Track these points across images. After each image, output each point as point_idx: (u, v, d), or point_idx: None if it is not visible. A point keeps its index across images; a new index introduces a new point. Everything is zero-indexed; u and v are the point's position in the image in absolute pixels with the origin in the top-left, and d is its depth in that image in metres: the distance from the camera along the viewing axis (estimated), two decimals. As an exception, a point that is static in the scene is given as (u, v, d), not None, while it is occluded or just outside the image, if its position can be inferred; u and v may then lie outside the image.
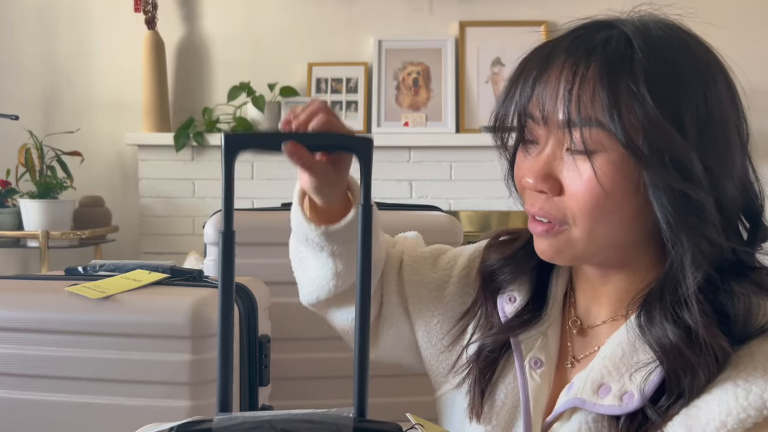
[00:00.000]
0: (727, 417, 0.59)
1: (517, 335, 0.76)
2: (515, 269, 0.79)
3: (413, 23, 3.18)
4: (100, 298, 1.18)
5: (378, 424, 0.58)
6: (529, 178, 0.68)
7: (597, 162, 0.64)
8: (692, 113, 0.64)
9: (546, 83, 0.67)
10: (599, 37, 0.66)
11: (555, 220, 0.68)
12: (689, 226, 0.63)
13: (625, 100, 0.62)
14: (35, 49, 3.22)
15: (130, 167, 3.20)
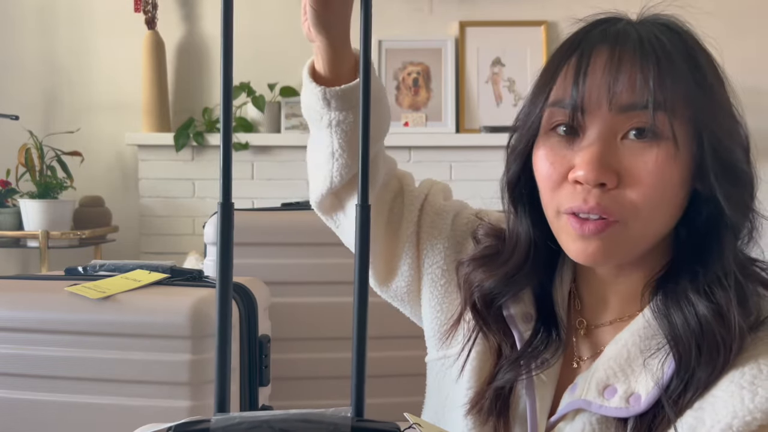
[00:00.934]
0: (732, 419, 0.58)
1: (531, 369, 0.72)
2: (513, 289, 0.75)
3: (413, 23, 3.18)
4: (100, 298, 1.18)
5: (376, 424, 0.58)
6: (582, 171, 0.63)
7: (662, 149, 0.63)
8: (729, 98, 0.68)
9: (616, 72, 0.64)
10: (657, 34, 0.66)
11: (613, 215, 0.64)
12: (739, 202, 0.65)
13: (702, 84, 0.64)
14: (35, 48, 3.22)
15: (130, 167, 3.20)
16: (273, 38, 3.19)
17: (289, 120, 3.09)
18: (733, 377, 0.61)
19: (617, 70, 0.63)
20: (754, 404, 0.58)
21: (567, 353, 0.76)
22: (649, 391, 0.63)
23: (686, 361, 0.62)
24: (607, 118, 0.64)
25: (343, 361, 1.34)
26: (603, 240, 0.65)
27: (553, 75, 0.68)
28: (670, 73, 0.63)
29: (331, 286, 1.47)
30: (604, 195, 0.63)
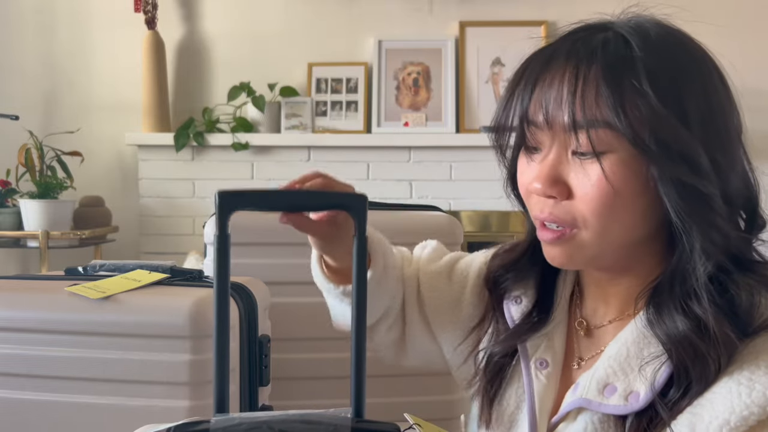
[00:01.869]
0: (730, 415, 0.59)
1: (524, 340, 0.77)
2: (518, 274, 0.80)
3: (413, 23, 3.18)
4: (100, 298, 1.18)
5: (376, 425, 0.58)
6: (536, 184, 0.68)
7: (606, 162, 0.64)
8: (695, 106, 0.64)
9: (548, 87, 0.67)
10: (597, 39, 0.67)
11: (565, 224, 0.68)
12: (699, 217, 0.64)
13: (629, 97, 0.63)
14: (35, 49, 3.22)
15: (130, 167, 3.20)
16: (273, 38, 3.19)
17: (289, 120, 3.09)
18: (732, 374, 0.61)
19: (551, 88, 0.66)
20: (751, 399, 0.58)
21: (568, 354, 0.77)
22: (647, 391, 0.64)
23: (681, 373, 0.63)
24: (558, 135, 0.67)
25: (343, 361, 1.34)
26: (563, 246, 0.69)
27: (516, 88, 0.70)
28: (599, 89, 0.63)
29: (331, 286, 1.46)
30: (556, 206, 0.67)
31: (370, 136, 3.06)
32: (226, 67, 3.20)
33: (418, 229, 1.49)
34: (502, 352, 0.79)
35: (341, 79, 3.15)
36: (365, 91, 3.13)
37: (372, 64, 3.15)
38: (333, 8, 3.18)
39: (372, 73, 3.14)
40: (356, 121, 3.11)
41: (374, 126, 3.09)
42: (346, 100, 3.14)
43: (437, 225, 1.39)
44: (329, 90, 3.15)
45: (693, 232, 0.64)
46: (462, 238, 1.39)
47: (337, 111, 3.13)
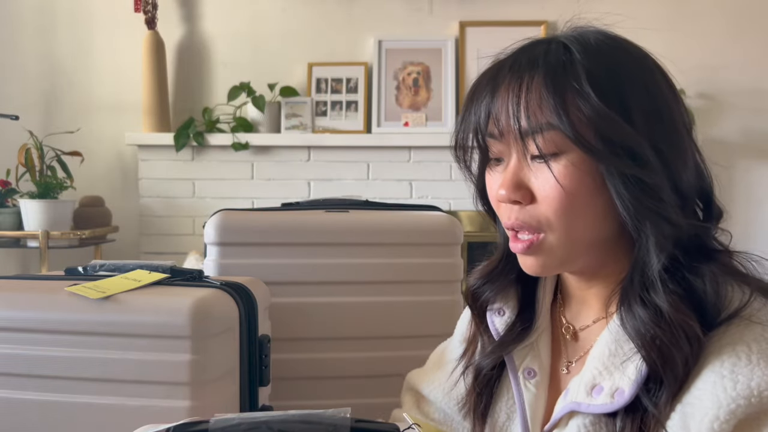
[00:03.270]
0: (718, 410, 0.59)
1: (510, 351, 0.78)
2: (495, 283, 0.82)
3: (413, 23, 3.18)
4: (100, 298, 1.18)
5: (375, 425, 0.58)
6: (501, 191, 0.70)
7: (558, 165, 0.67)
8: (637, 103, 0.67)
9: (497, 100, 0.70)
10: (539, 49, 0.70)
11: (531, 228, 0.70)
12: (648, 209, 0.65)
13: (570, 99, 0.66)
14: (35, 49, 3.22)
15: (130, 167, 3.20)
16: (273, 38, 3.19)
17: (289, 120, 3.09)
18: (714, 367, 0.61)
19: (496, 101, 0.70)
20: (736, 392, 0.59)
21: (556, 360, 0.78)
22: (631, 383, 0.65)
23: (651, 364, 0.64)
24: (512, 143, 0.70)
25: (343, 361, 1.34)
26: (535, 255, 0.71)
27: (471, 105, 0.74)
28: (542, 96, 0.66)
29: (331, 286, 1.47)
30: (522, 211, 0.70)
31: (370, 136, 3.06)
32: (226, 67, 3.20)
33: (418, 229, 1.49)
34: (490, 365, 0.80)
35: (341, 79, 3.15)
36: (365, 91, 3.13)
37: (372, 64, 3.15)
38: (333, 8, 3.18)
39: (372, 73, 3.14)
40: (356, 121, 3.11)
41: (374, 126, 3.09)
42: (346, 100, 3.14)
43: (437, 225, 1.39)
44: (329, 90, 3.15)
45: (645, 225, 0.66)
46: (462, 238, 1.40)
47: (337, 111, 3.13)
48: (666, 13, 3.08)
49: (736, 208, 3.09)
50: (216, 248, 1.48)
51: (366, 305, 1.36)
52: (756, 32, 3.06)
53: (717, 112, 3.05)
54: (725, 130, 3.04)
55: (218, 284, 1.25)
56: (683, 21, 3.08)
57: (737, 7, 3.06)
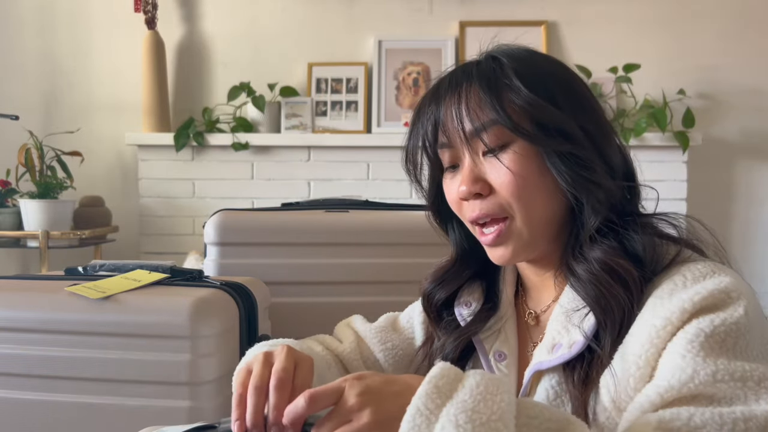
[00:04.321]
0: (655, 319, 0.67)
1: (477, 333, 0.86)
2: (447, 287, 0.90)
3: (413, 23, 3.18)
4: (100, 298, 1.18)
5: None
6: (462, 187, 0.79)
7: (506, 156, 0.76)
8: (560, 91, 0.78)
9: (441, 111, 0.79)
10: (471, 64, 0.81)
11: (496, 215, 0.78)
12: (583, 178, 0.75)
13: (505, 95, 0.76)
14: (35, 49, 3.22)
15: (130, 167, 3.20)
16: (273, 38, 3.19)
17: (289, 120, 3.09)
18: (654, 296, 0.70)
19: (442, 113, 0.80)
20: (672, 303, 0.67)
21: (522, 344, 0.85)
22: (582, 335, 0.73)
23: (596, 311, 0.72)
24: (462, 146, 0.79)
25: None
26: (504, 242, 0.79)
27: (422, 122, 0.83)
28: (480, 98, 0.77)
29: (331, 286, 1.47)
30: (485, 202, 0.78)
31: (370, 136, 3.06)
32: (226, 67, 3.20)
33: (417, 229, 1.49)
34: (457, 349, 0.86)
35: (341, 79, 3.15)
36: (365, 91, 3.13)
37: (372, 64, 3.15)
38: (333, 8, 3.18)
39: (372, 73, 3.14)
40: (356, 121, 3.11)
41: (374, 126, 3.09)
42: (346, 100, 3.14)
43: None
44: (329, 90, 3.15)
45: (581, 193, 0.76)
46: (462, 238, 1.39)
47: (337, 111, 3.13)
48: (666, 13, 3.08)
49: (736, 208, 3.09)
50: (216, 248, 1.48)
51: (366, 305, 1.36)
52: (756, 32, 3.06)
53: (717, 112, 3.05)
54: (725, 130, 3.04)
55: (218, 284, 1.25)
56: (683, 21, 3.08)
57: (737, 7, 3.06)
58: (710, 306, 0.66)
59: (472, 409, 0.56)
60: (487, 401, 0.56)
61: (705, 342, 0.63)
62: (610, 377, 0.69)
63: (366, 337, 0.99)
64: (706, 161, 3.00)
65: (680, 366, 0.63)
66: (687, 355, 0.63)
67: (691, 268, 0.71)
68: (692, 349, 0.63)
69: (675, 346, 0.65)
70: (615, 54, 2.97)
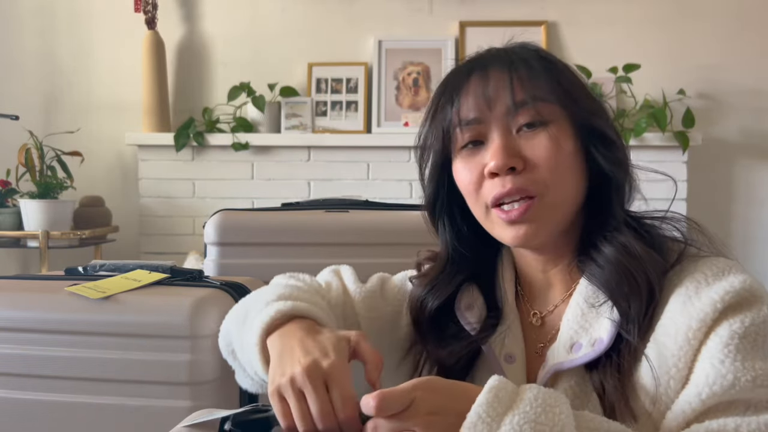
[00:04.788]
0: (690, 320, 0.68)
1: (486, 340, 0.83)
2: (440, 292, 0.86)
3: (413, 23, 3.17)
4: (100, 298, 1.18)
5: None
6: (493, 162, 0.76)
7: (546, 132, 0.76)
8: (580, 83, 0.81)
9: (482, 85, 0.78)
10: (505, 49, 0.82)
11: (528, 191, 0.76)
12: (619, 161, 0.78)
13: (553, 73, 0.78)
14: (35, 49, 3.22)
15: (130, 167, 3.20)
16: (273, 38, 3.19)
17: (289, 120, 3.09)
18: (680, 294, 0.71)
19: (486, 83, 0.78)
20: (702, 302, 0.68)
21: (528, 345, 0.83)
22: (608, 330, 0.73)
23: (619, 300, 0.72)
24: (499, 120, 0.77)
25: (343, 361, 1.34)
26: (529, 220, 0.76)
27: (444, 103, 0.81)
28: (531, 74, 0.77)
29: (331, 286, 1.46)
30: (517, 177, 0.76)
31: (370, 136, 3.06)
32: (226, 67, 3.20)
33: (417, 229, 1.49)
34: (466, 357, 0.84)
35: (341, 79, 3.15)
36: (365, 91, 3.13)
37: (372, 64, 3.15)
38: (333, 8, 3.18)
39: (372, 73, 3.14)
40: (356, 121, 3.11)
41: (374, 126, 3.09)
42: (346, 100, 3.14)
43: (437, 225, 1.39)
44: (329, 90, 3.15)
45: (616, 174, 0.78)
46: (462, 238, 1.39)
47: (337, 111, 3.13)
48: (666, 13, 3.08)
49: (736, 208, 3.09)
50: (216, 248, 1.48)
51: (366, 305, 1.36)
52: (756, 32, 3.06)
53: (717, 112, 3.05)
54: (725, 130, 3.04)
55: (218, 284, 1.25)
56: (683, 21, 3.08)
57: (737, 7, 3.06)
58: (738, 304, 0.68)
59: (535, 420, 0.57)
60: (547, 413, 0.58)
61: (740, 344, 0.65)
62: (645, 373, 0.69)
63: (354, 297, 0.94)
64: (706, 161, 3.00)
65: (721, 372, 0.64)
66: (726, 360, 0.65)
67: (707, 264, 0.73)
68: (729, 353, 0.65)
69: (711, 351, 0.66)
70: (615, 54, 2.97)
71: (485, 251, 0.87)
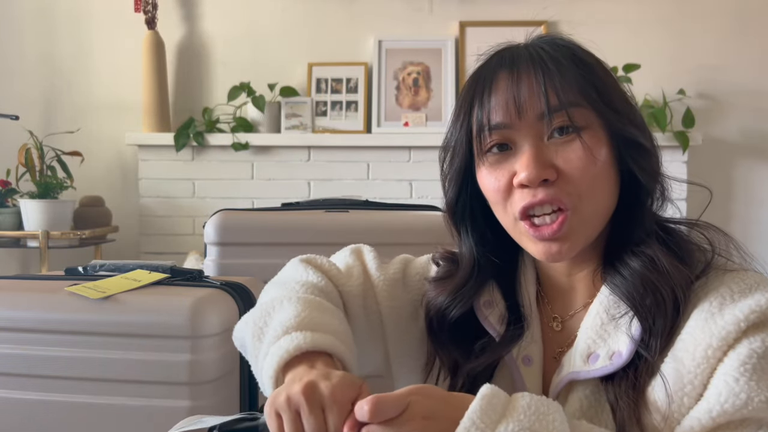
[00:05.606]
0: (711, 338, 0.65)
1: (510, 349, 0.79)
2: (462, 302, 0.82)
3: (413, 23, 3.18)
4: (100, 298, 1.18)
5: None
6: (524, 173, 0.71)
7: (580, 141, 0.71)
8: (617, 83, 0.77)
9: (514, 87, 0.73)
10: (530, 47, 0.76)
11: (562, 203, 0.71)
12: (653, 170, 0.75)
13: (585, 76, 0.73)
14: (35, 49, 3.22)
15: (130, 167, 3.20)
16: (273, 38, 3.19)
17: (289, 120, 3.09)
18: (703, 308, 0.68)
19: (518, 86, 0.73)
20: (725, 320, 0.65)
21: (546, 349, 0.81)
22: (627, 345, 0.70)
23: (643, 314, 0.70)
24: (530, 126, 0.73)
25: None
26: (564, 237, 0.73)
27: (471, 103, 0.76)
28: (563, 76, 0.72)
29: (331, 286, 1.46)
30: (550, 188, 0.72)
31: (370, 136, 3.06)
32: (226, 67, 3.20)
33: (418, 229, 1.49)
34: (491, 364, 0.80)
35: (341, 79, 3.15)
36: (365, 91, 3.13)
37: (372, 64, 3.15)
38: (333, 8, 3.18)
39: (372, 73, 3.14)
40: (356, 121, 3.11)
41: (374, 126, 3.09)
42: (346, 100, 3.14)
43: (437, 225, 1.39)
44: (329, 90, 3.15)
45: (652, 185, 0.74)
46: (462, 238, 1.39)
47: (337, 111, 3.13)
48: (667, 12, 3.08)
49: (736, 208, 3.09)
50: (216, 248, 1.48)
51: (366, 305, 1.36)
52: (756, 32, 3.06)
53: (717, 112, 3.05)
54: (725, 130, 3.04)
55: (218, 284, 1.25)
56: (683, 21, 3.08)
57: (738, 7, 3.06)
58: (763, 323, 0.65)
59: (529, 428, 0.57)
60: (541, 421, 0.58)
61: (758, 363, 0.63)
62: (659, 389, 0.67)
63: (376, 285, 0.89)
64: (706, 161, 3.00)
65: (734, 390, 0.62)
66: (741, 378, 0.62)
67: (735, 279, 0.69)
68: (745, 372, 0.63)
69: (727, 368, 0.64)
70: (615, 54, 2.97)
71: (508, 252, 0.83)
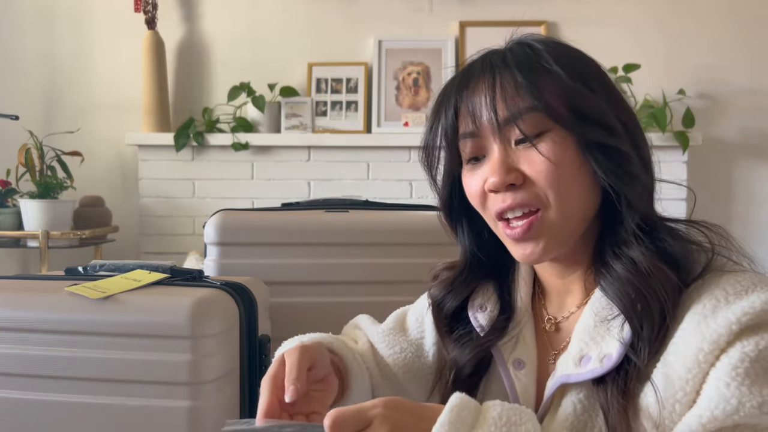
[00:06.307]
0: (702, 342, 0.64)
1: (495, 343, 0.81)
2: (457, 294, 0.86)
3: (413, 23, 3.18)
4: (100, 298, 1.18)
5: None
6: (492, 178, 0.73)
7: (543, 144, 0.71)
8: (595, 79, 0.75)
9: (471, 97, 0.75)
10: (502, 51, 0.77)
11: (530, 205, 0.73)
12: (622, 171, 0.72)
13: (543, 80, 0.72)
14: (35, 48, 3.22)
15: (130, 167, 3.20)
16: (273, 38, 3.19)
17: (289, 120, 3.09)
18: (696, 311, 0.66)
19: (471, 97, 0.75)
20: (717, 323, 0.64)
21: (541, 352, 0.81)
22: (617, 348, 0.69)
23: (631, 318, 0.69)
24: (494, 133, 0.74)
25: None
26: (534, 237, 0.74)
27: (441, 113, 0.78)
28: (516, 84, 0.72)
29: (331, 286, 1.47)
30: (518, 193, 0.73)
31: (370, 136, 3.06)
32: (226, 67, 3.20)
33: (417, 229, 1.49)
34: (473, 360, 0.82)
35: (341, 79, 3.15)
36: (365, 91, 3.13)
37: (372, 64, 3.15)
38: (333, 8, 3.18)
39: (372, 73, 3.14)
40: (356, 121, 3.11)
41: (374, 126, 3.09)
42: (346, 100, 3.14)
43: (437, 225, 1.39)
44: (329, 90, 3.15)
45: (620, 187, 0.72)
46: (462, 238, 1.39)
47: (337, 111, 3.13)
48: (667, 12, 3.08)
49: (736, 208, 3.09)
50: (216, 248, 1.48)
51: (366, 305, 1.36)
52: (756, 32, 3.06)
53: (717, 112, 3.05)
54: (725, 130, 3.04)
55: (218, 284, 1.25)
56: (683, 21, 3.08)
57: (737, 7, 3.06)
58: (757, 326, 0.63)
59: None
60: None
61: (750, 368, 0.61)
62: (651, 396, 0.65)
63: (374, 341, 0.96)
64: (706, 161, 3.00)
65: (725, 396, 0.60)
66: (732, 383, 0.61)
67: (730, 280, 0.67)
68: (737, 377, 0.61)
69: (719, 372, 0.62)
70: (615, 54, 2.97)
71: (505, 252, 0.83)
